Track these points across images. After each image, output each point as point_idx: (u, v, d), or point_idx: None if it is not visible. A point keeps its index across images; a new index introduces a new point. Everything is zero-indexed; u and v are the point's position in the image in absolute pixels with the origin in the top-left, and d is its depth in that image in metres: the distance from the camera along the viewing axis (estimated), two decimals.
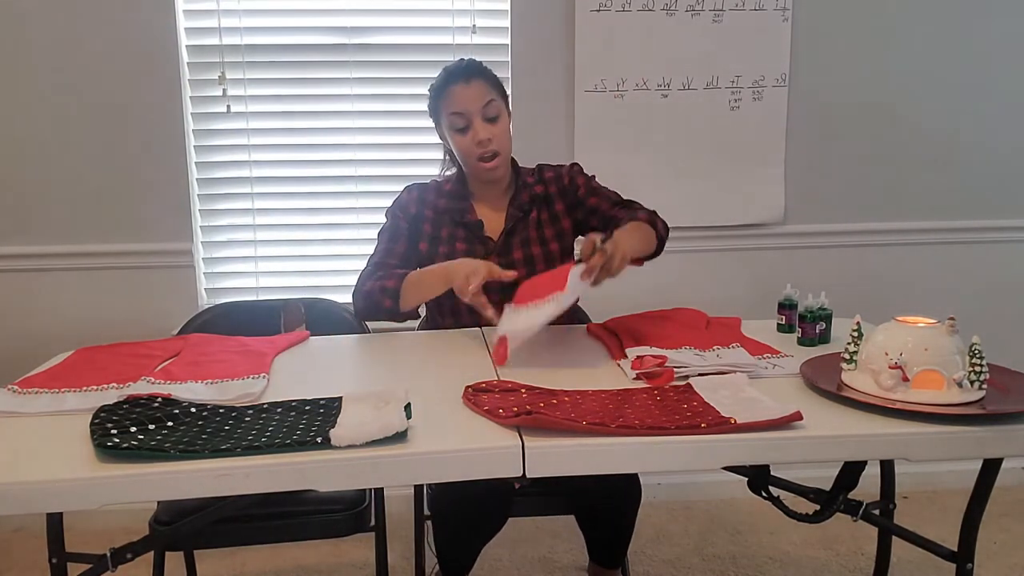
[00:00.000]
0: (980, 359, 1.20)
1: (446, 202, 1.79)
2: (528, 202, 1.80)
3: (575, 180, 1.83)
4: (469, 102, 1.70)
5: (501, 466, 1.10)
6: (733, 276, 2.46)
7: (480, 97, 1.70)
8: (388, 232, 1.80)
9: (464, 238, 1.77)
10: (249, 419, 1.19)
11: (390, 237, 1.79)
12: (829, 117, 2.42)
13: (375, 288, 1.67)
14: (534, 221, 1.80)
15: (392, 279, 1.67)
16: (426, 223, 1.79)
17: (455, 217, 1.78)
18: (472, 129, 1.70)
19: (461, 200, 1.80)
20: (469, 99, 1.70)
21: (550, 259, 1.78)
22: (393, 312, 1.66)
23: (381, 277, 1.69)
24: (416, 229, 1.79)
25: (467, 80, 1.70)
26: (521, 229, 1.79)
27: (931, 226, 2.49)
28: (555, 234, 1.81)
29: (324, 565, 2.20)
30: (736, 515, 2.44)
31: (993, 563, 2.18)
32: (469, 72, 1.72)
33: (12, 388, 1.34)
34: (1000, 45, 2.41)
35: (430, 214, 1.79)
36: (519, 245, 1.77)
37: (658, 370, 1.34)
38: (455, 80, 1.71)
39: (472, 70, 1.73)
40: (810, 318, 1.57)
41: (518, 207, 1.79)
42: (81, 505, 1.04)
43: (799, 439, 1.14)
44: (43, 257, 2.28)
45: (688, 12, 2.31)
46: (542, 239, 1.79)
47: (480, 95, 1.70)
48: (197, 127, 2.32)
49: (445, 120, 1.74)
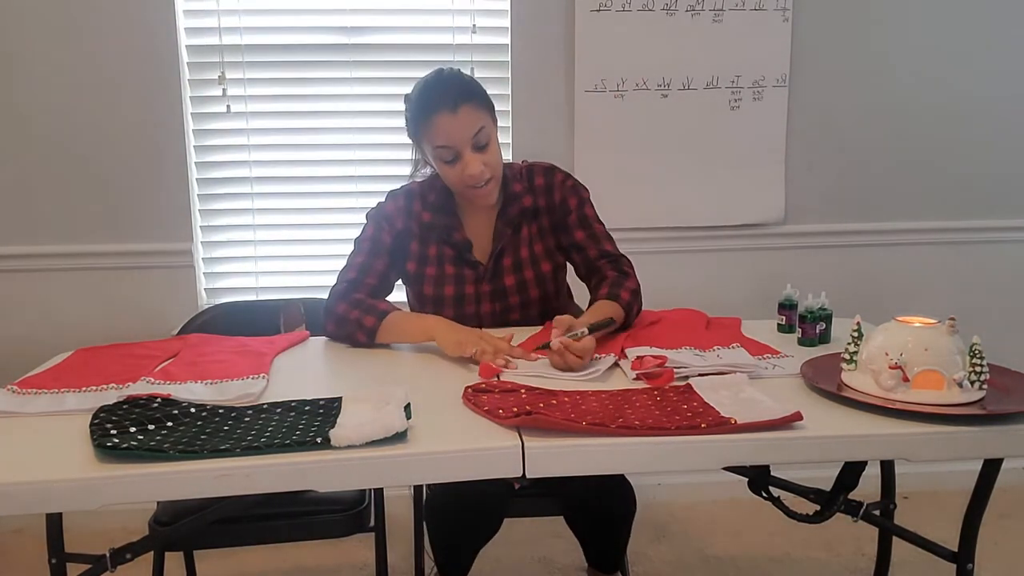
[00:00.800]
0: (980, 359, 1.20)
1: (431, 216, 1.69)
2: (517, 216, 1.70)
3: (567, 201, 1.72)
4: (458, 134, 1.54)
5: (501, 466, 1.10)
6: (733, 276, 2.46)
7: (470, 126, 1.55)
8: (369, 244, 1.68)
9: (453, 259, 1.69)
10: (249, 419, 1.19)
11: (370, 251, 1.68)
12: (829, 117, 2.42)
13: (351, 319, 1.58)
14: (525, 239, 1.71)
15: (371, 316, 1.57)
16: (414, 240, 1.70)
17: (442, 235, 1.69)
18: (462, 161, 1.57)
19: (447, 215, 1.69)
20: (458, 131, 1.54)
21: (542, 281, 1.71)
22: (365, 345, 1.58)
23: (359, 304, 1.59)
24: (402, 246, 1.70)
25: (454, 109, 1.53)
26: (511, 250, 1.70)
27: (931, 226, 2.49)
28: (545, 251, 1.72)
29: (324, 565, 2.20)
30: (736, 515, 2.44)
31: (993, 563, 2.18)
32: (456, 98, 1.54)
33: (12, 388, 1.33)
34: (1000, 45, 2.41)
35: (416, 229, 1.70)
36: (510, 270, 1.70)
37: (658, 370, 1.34)
38: (440, 108, 1.54)
39: (459, 94, 1.55)
40: (810, 318, 1.57)
41: (507, 222, 1.70)
42: (81, 505, 1.03)
43: (799, 439, 1.13)
44: (43, 257, 2.28)
45: (688, 12, 2.31)
46: (533, 259, 1.71)
47: (470, 124, 1.55)
48: (197, 127, 2.32)
49: (429, 148, 1.61)
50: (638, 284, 1.66)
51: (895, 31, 2.38)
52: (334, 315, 1.61)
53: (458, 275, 1.69)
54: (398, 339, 1.59)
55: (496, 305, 1.70)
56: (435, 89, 1.57)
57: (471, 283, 1.69)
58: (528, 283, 1.71)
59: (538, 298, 1.72)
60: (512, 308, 1.70)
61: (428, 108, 1.56)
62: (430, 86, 1.59)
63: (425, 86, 1.60)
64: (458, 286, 1.69)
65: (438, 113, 1.54)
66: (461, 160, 1.57)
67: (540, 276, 1.72)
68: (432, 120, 1.55)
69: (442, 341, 1.51)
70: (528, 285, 1.71)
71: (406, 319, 1.61)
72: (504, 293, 1.70)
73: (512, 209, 1.70)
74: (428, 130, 1.57)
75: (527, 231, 1.72)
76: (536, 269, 1.71)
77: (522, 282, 1.70)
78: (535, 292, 1.71)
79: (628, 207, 2.36)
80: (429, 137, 1.58)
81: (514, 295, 1.70)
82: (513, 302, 1.70)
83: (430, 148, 1.60)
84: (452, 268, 1.69)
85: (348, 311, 1.59)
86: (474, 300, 1.68)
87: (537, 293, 1.72)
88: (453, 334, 1.50)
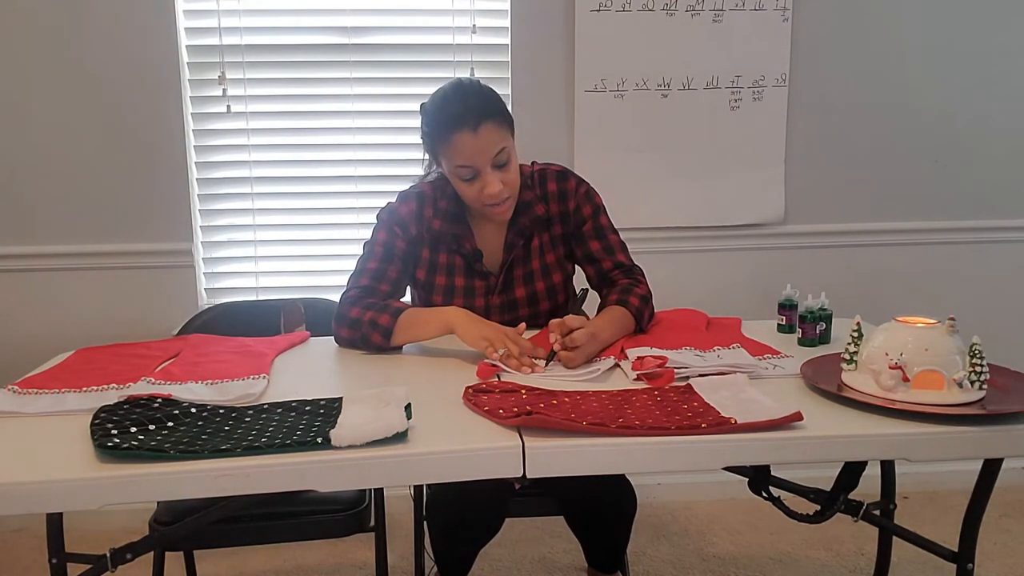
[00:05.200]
0: (980, 359, 1.20)
1: (441, 224, 1.65)
2: (529, 226, 1.66)
3: (581, 210, 1.68)
4: (478, 154, 1.50)
5: (501, 466, 1.10)
6: (733, 276, 2.46)
7: (491, 146, 1.50)
8: (382, 249, 1.64)
9: (463, 270, 1.67)
10: (249, 419, 1.19)
11: (384, 257, 1.63)
12: (829, 117, 2.42)
13: (365, 320, 1.54)
14: (536, 250, 1.68)
15: (386, 314, 1.53)
16: (425, 248, 1.67)
17: (451, 244, 1.66)
18: (481, 180, 1.53)
19: (458, 223, 1.65)
20: (479, 151, 1.50)
21: (553, 293, 1.70)
22: (381, 348, 1.54)
23: (372, 307, 1.55)
24: (414, 253, 1.67)
25: (475, 128, 1.48)
26: (522, 261, 1.68)
27: (931, 226, 2.49)
28: (556, 261, 1.70)
29: (324, 565, 2.20)
30: (736, 515, 2.44)
31: (993, 563, 2.18)
32: (477, 116, 1.48)
33: (12, 388, 1.34)
34: (1000, 45, 2.41)
35: (427, 236, 1.66)
36: (521, 282, 1.68)
37: (658, 370, 1.34)
38: (461, 127, 1.49)
39: (480, 112, 1.49)
40: (810, 318, 1.57)
41: (518, 232, 1.66)
42: (81, 505, 1.04)
43: (799, 439, 1.13)
44: (43, 257, 2.28)
45: (688, 12, 2.31)
46: (544, 270, 1.69)
47: (491, 144, 1.50)
48: (197, 127, 2.32)
49: (447, 164, 1.57)
50: (649, 292, 1.65)
51: (895, 31, 2.38)
52: (347, 320, 1.56)
53: (468, 287, 1.67)
54: (416, 335, 1.54)
55: (506, 316, 1.67)
56: (456, 105, 1.51)
57: (481, 295, 1.67)
58: (539, 295, 1.69)
59: (548, 309, 1.70)
60: (522, 319, 1.65)
61: (448, 126, 1.51)
62: (450, 101, 1.53)
63: (444, 100, 1.54)
64: (468, 298, 1.67)
65: (459, 132, 1.49)
66: (480, 179, 1.54)
67: (551, 287, 1.70)
68: (452, 139, 1.51)
69: (464, 334, 1.48)
70: (539, 297, 1.69)
71: (422, 313, 1.57)
72: (515, 305, 1.69)
73: (524, 219, 1.66)
74: (447, 148, 1.53)
75: (538, 241, 1.69)
76: (547, 281, 1.69)
77: (533, 294, 1.69)
78: (546, 304, 1.70)
79: (628, 207, 2.36)
80: (448, 155, 1.54)
81: (524, 307, 1.69)
82: (523, 313, 1.68)
83: (448, 165, 1.56)
84: (462, 280, 1.67)
85: (362, 314, 1.55)
86: (484, 312, 1.65)
87: (548, 305, 1.70)
88: (476, 328, 1.48)
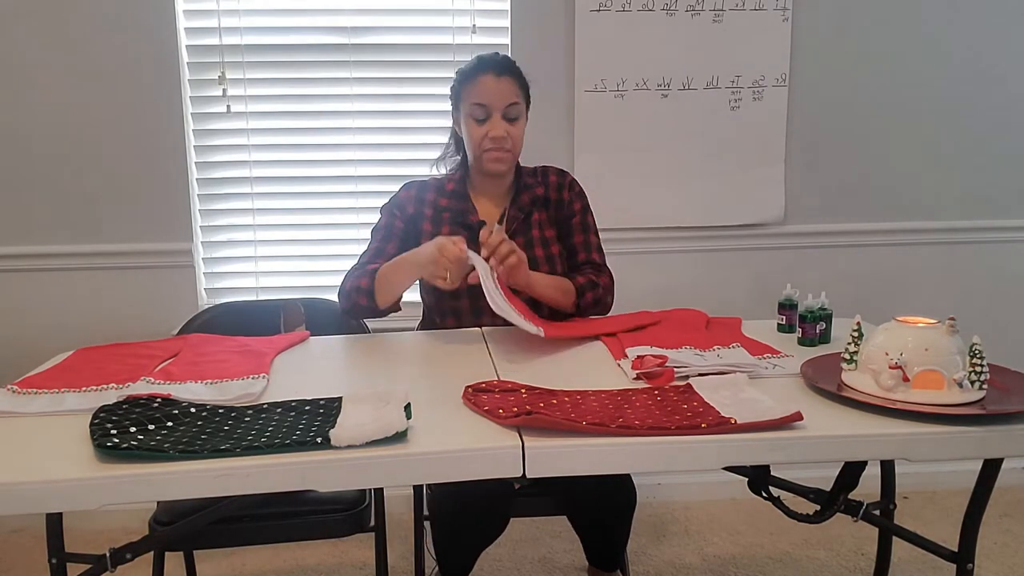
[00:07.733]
0: (980, 359, 1.20)
1: (447, 201, 1.78)
2: (529, 204, 1.79)
3: (572, 204, 1.83)
4: (495, 96, 1.69)
5: (501, 466, 1.10)
6: (733, 276, 2.46)
7: (507, 95, 1.70)
8: (381, 231, 1.78)
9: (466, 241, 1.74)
10: (249, 419, 1.19)
11: (382, 237, 1.78)
12: (829, 117, 2.41)
13: (352, 288, 1.68)
14: (535, 222, 1.80)
15: (365, 278, 1.67)
16: (426, 222, 1.78)
17: (456, 218, 1.77)
18: (490, 122, 1.70)
19: (463, 200, 1.79)
20: (496, 93, 1.70)
21: (552, 262, 1.77)
22: (372, 309, 1.67)
23: (358, 275, 1.69)
24: (414, 228, 1.78)
25: (498, 74, 1.70)
26: (523, 231, 1.78)
27: (931, 226, 2.49)
28: (556, 236, 1.81)
29: (324, 565, 2.20)
30: (736, 515, 2.44)
31: (993, 563, 2.18)
32: (503, 67, 1.72)
33: (11, 388, 1.34)
34: (999, 45, 2.41)
35: (429, 212, 1.78)
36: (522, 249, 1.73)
37: (658, 370, 1.34)
38: (486, 70, 1.70)
39: (506, 66, 1.73)
40: (810, 318, 1.57)
41: (519, 208, 1.79)
42: (81, 505, 1.04)
43: (799, 439, 1.13)
44: (43, 257, 2.28)
45: (688, 12, 2.31)
46: (544, 240, 1.79)
47: (507, 93, 1.70)
48: (197, 127, 2.32)
49: (465, 106, 1.73)
50: (605, 288, 1.77)
51: (895, 30, 2.38)
52: (342, 293, 1.71)
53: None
54: (391, 285, 1.65)
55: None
56: (487, 57, 1.74)
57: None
58: (539, 261, 1.75)
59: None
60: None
61: (476, 68, 1.72)
62: (483, 56, 1.75)
63: (479, 56, 1.76)
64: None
65: (483, 74, 1.71)
66: (490, 120, 1.70)
67: (550, 256, 1.77)
68: (476, 78, 1.71)
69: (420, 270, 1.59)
70: (538, 262, 1.75)
71: (391, 263, 1.67)
72: None
73: (524, 197, 1.80)
74: (470, 88, 1.71)
75: (537, 216, 1.81)
76: (546, 249, 1.78)
77: (532, 259, 1.74)
78: (545, 269, 1.75)
79: (628, 207, 2.36)
80: (468, 94, 1.71)
81: None
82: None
83: (466, 106, 1.72)
84: None
85: (352, 284, 1.69)
86: None
87: (547, 271, 1.75)
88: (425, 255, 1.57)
